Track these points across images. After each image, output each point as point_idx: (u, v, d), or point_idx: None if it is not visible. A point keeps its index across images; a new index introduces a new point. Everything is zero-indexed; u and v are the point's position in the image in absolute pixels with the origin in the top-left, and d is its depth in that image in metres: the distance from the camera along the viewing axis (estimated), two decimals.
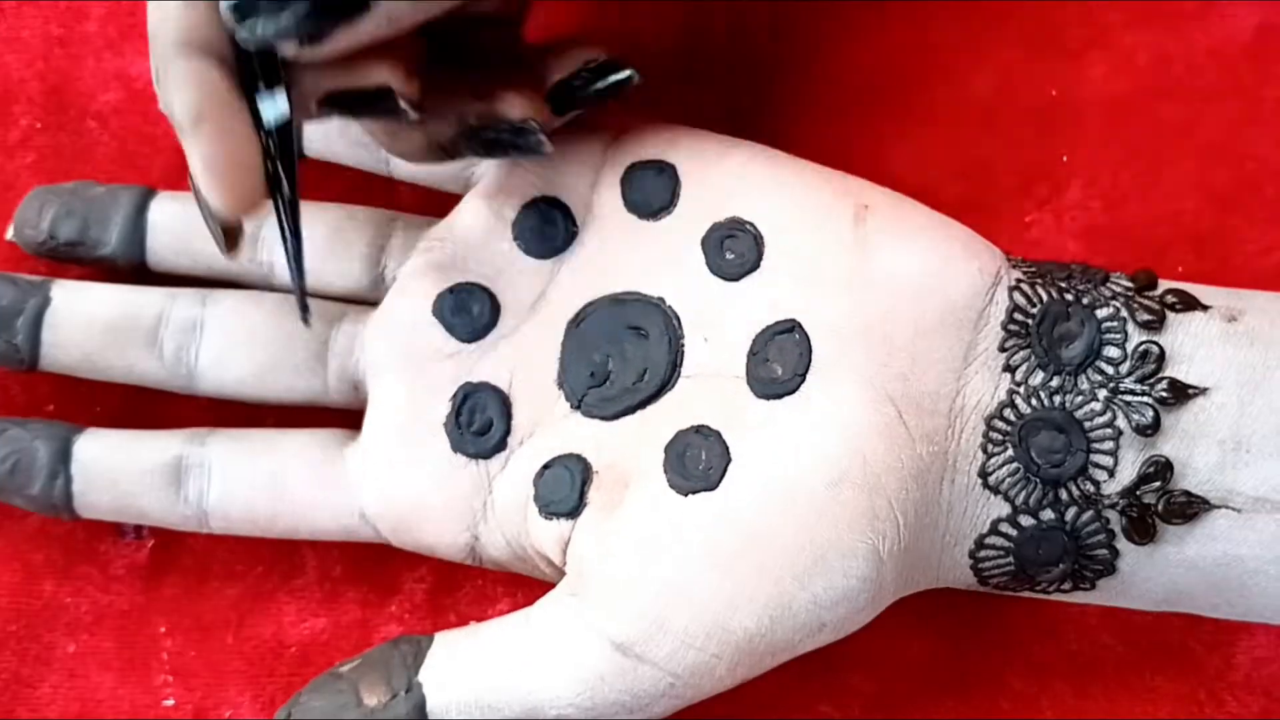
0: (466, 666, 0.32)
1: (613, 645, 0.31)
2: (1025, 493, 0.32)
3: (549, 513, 0.33)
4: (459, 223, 0.36)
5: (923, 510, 0.32)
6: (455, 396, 0.35)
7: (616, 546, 0.32)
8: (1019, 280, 0.33)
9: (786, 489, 0.31)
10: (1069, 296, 0.32)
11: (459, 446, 0.34)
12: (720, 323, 0.33)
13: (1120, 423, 0.31)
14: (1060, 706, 0.37)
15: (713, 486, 0.31)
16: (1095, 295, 0.32)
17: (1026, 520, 0.32)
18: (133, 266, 0.37)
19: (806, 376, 0.32)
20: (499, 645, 0.32)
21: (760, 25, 0.40)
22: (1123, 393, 0.31)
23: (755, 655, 0.31)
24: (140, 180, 0.38)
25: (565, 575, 0.33)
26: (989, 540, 0.32)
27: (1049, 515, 0.32)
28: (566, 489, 0.33)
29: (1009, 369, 0.32)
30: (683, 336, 0.34)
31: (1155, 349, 0.31)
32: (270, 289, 0.36)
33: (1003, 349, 0.32)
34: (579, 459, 0.33)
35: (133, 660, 0.37)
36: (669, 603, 0.31)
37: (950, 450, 0.32)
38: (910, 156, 0.39)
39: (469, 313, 0.35)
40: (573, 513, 0.33)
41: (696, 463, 0.32)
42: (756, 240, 0.33)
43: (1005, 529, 0.32)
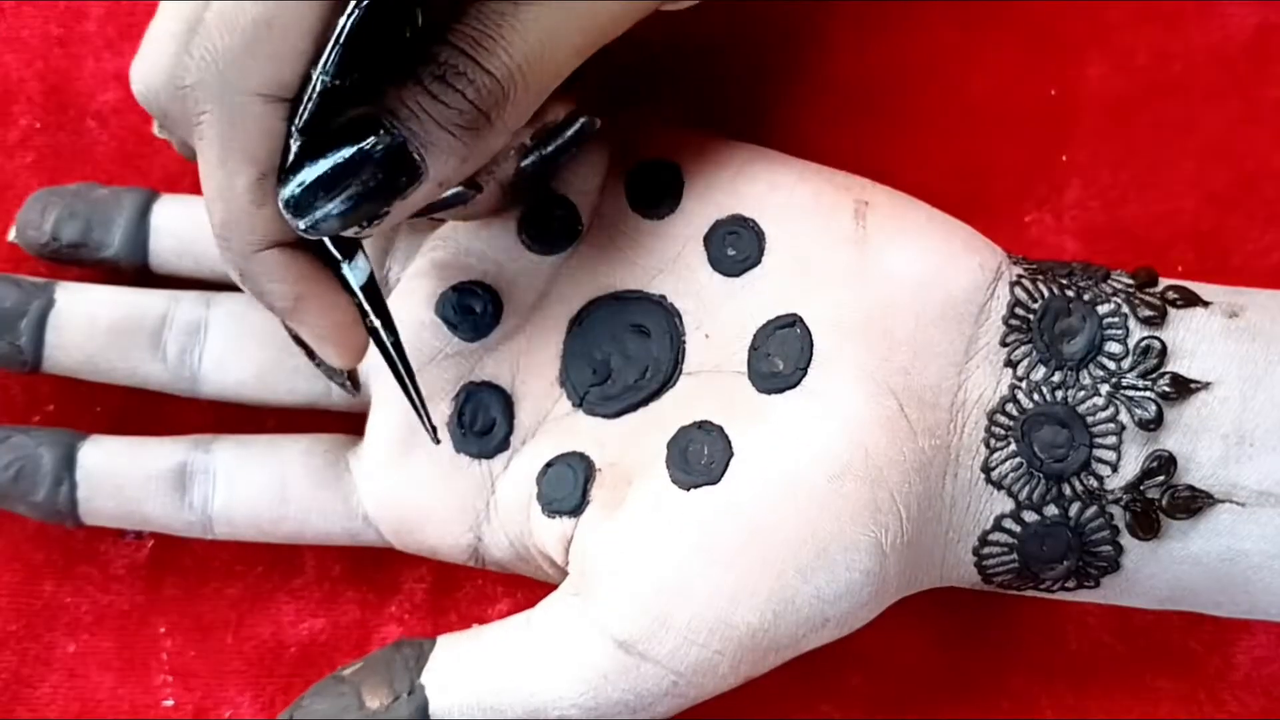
0: (469, 668, 0.32)
1: (615, 643, 0.31)
2: (1029, 488, 0.32)
3: (552, 511, 0.33)
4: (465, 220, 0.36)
5: (925, 504, 0.31)
6: (457, 396, 0.35)
7: (619, 543, 0.32)
8: (1020, 276, 0.33)
9: (789, 482, 0.31)
10: (1070, 293, 0.32)
11: (461, 447, 0.34)
12: (722, 319, 0.33)
13: (1123, 417, 0.31)
14: (1060, 706, 0.37)
15: (715, 480, 0.31)
16: (1096, 291, 0.32)
17: (1030, 516, 0.32)
18: (135, 268, 0.37)
19: (808, 370, 0.32)
20: (501, 647, 0.32)
21: (761, 27, 0.40)
22: (1125, 388, 0.31)
23: (758, 651, 0.31)
24: (140, 179, 0.38)
25: (568, 575, 0.33)
26: (993, 536, 0.32)
27: (1053, 511, 0.31)
28: (569, 487, 0.33)
29: (1010, 364, 0.32)
30: (684, 334, 0.34)
31: (1157, 344, 0.31)
32: None
33: (1004, 344, 0.32)
34: (582, 457, 0.33)
35: (132, 660, 0.37)
36: (671, 598, 0.31)
37: (952, 444, 0.32)
38: (910, 156, 0.39)
39: (471, 311, 0.35)
40: (576, 510, 0.33)
41: (699, 457, 0.32)
42: (758, 237, 0.33)
43: (1009, 524, 0.32)
